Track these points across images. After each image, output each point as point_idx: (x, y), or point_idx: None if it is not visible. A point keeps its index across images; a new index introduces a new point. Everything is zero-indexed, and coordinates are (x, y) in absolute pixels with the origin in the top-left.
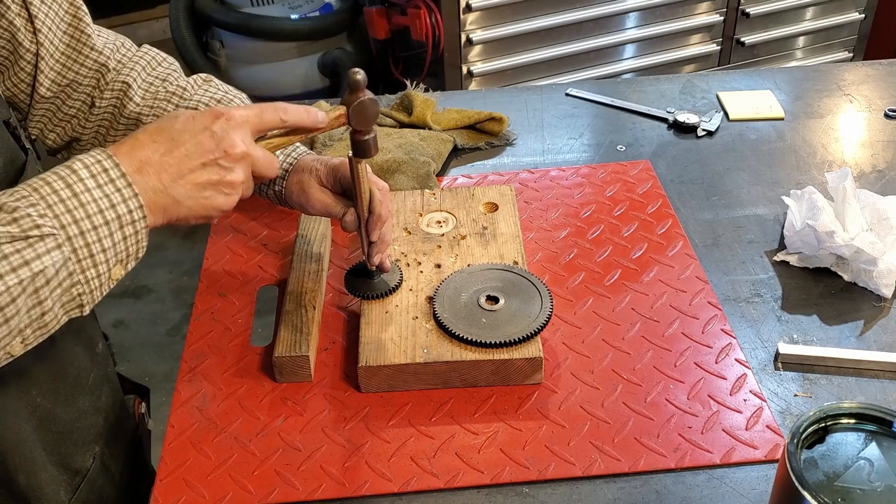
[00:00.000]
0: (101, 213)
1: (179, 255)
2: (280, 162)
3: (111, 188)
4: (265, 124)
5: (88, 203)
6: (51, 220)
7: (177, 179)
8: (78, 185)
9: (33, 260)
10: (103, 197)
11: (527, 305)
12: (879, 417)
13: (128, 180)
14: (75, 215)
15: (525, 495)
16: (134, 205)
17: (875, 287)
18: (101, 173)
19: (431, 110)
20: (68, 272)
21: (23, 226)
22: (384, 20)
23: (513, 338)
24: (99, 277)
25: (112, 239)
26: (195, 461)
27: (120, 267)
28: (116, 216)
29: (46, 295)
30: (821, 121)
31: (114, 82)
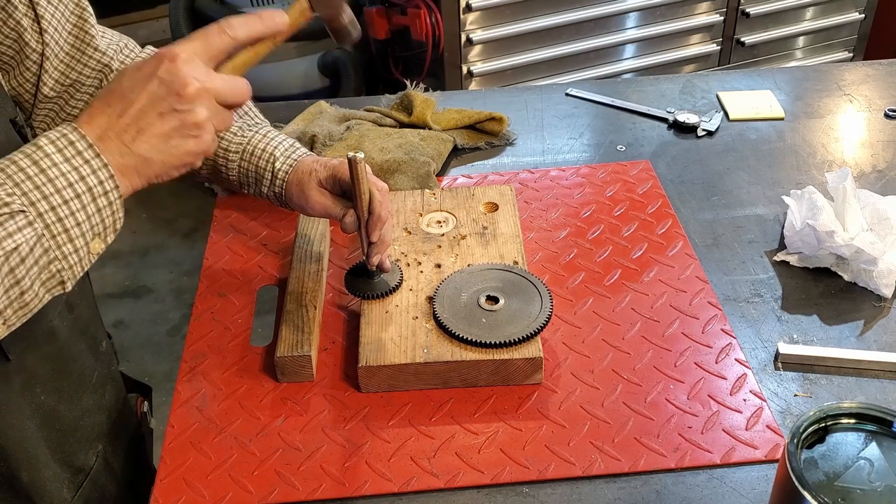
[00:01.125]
0: (70, 186)
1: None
2: (280, 164)
3: (79, 160)
4: (215, 49)
5: (57, 178)
6: (20, 197)
7: (138, 137)
8: (45, 160)
9: (4, 238)
10: (72, 170)
11: (527, 305)
12: (879, 417)
13: (95, 150)
14: (44, 191)
15: (525, 495)
16: (104, 175)
17: (875, 287)
18: (67, 147)
19: (431, 110)
20: (44, 249)
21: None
22: (384, 20)
23: (513, 338)
24: (77, 252)
25: (86, 212)
26: (195, 461)
27: (99, 240)
28: (87, 188)
29: (23, 274)
30: (821, 121)
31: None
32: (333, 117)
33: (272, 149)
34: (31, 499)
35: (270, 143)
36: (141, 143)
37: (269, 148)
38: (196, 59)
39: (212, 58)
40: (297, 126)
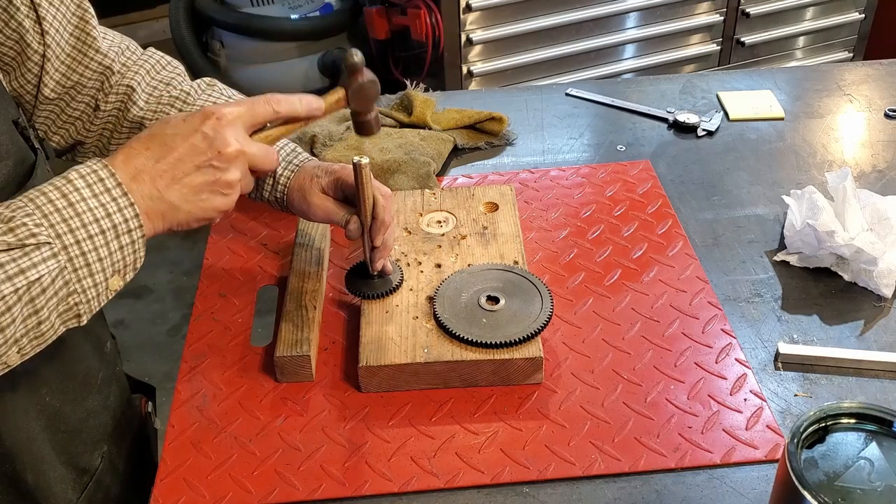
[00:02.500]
0: (97, 222)
1: (179, 255)
2: (281, 169)
3: (107, 197)
4: (257, 118)
5: (84, 212)
6: (46, 229)
7: (172, 184)
8: (74, 194)
9: (29, 269)
10: (99, 206)
11: (527, 306)
12: (879, 417)
13: (123, 189)
14: (71, 224)
15: (525, 495)
16: (130, 214)
17: (875, 287)
18: (96, 183)
19: (431, 110)
20: (64, 281)
21: (19, 235)
22: (384, 20)
23: (513, 338)
24: (96, 287)
25: (108, 248)
26: (195, 461)
27: (118, 277)
28: (112, 225)
29: (42, 304)
30: (821, 121)
31: (118, 85)
32: (333, 117)
33: None
34: (36, 500)
35: None
36: (173, 191)
37: None
38: (238, 123)
39: (252, 125)
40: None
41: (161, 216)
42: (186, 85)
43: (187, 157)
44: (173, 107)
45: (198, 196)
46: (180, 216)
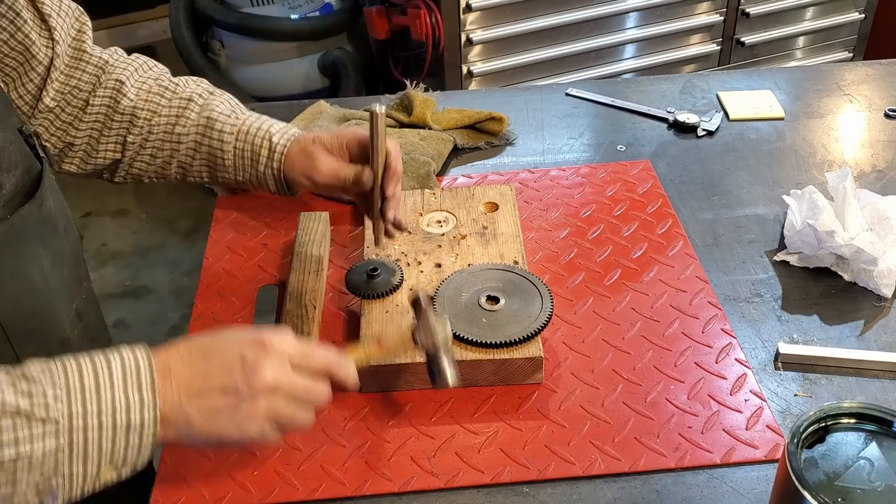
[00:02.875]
0: (113, 413)
1: (179, 255)
2: (277, 139)
3: (136, 395)
4: (308, 366)
5: (106, 401)
6: (62, 407)
7: (193, 398)
8: (106, 379)
9: (25, 441)
10: (124, 399)
11: (527, 306)
12: (879, 417)
13: (155, 391)
14: (88, 408)
15: (525, 495)
16: (150, 416)
17: (875, 287)
18: (131, 374)
19: (431, 110)
20: (55, 462)
21: (34, 402)
22: (384, 20)
23: (513, 338)
24: (84, 475)
25: (113, 441)
26: (195, 461)
27: (111, 469)
28: (127, 422)
29: (23, 478)
30: (821, 121)
31: (107, 81)
32: (333, 117)
33: (267, 126)
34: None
35: (265, 123)
36: (192, 405)
37: (265, 126)
38: (284, 359)
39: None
40: (298, 126)
41: (174, 426)
42: (175, 78)
43: (217, 375)
44: (163, 96)
45: (214, 418)
46: (192, 430)
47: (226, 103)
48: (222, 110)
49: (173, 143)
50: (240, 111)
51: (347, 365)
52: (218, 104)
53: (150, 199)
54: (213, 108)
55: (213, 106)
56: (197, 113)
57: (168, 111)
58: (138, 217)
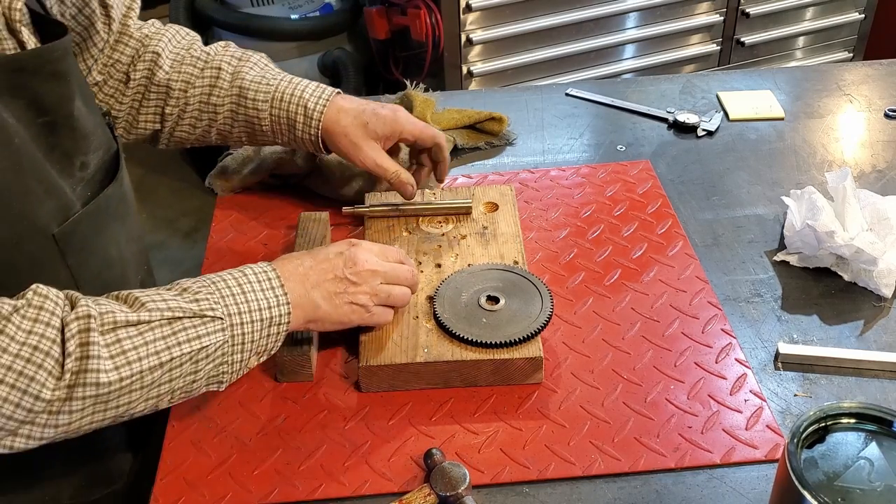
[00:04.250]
0: (259, 310)
1: (180, 255)
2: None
3: (271, 294)
4: (388, 257)
5: (251, 301)
6: (222, 308)
7: (316, 286)
8: (247, 286)
9: (204, 336)
10: (263, 299)
11: (527, 306)
12: (879, 417)
13: (284, 290)
14: (240, 308)
15: (525, 495)
16: (284, 310)
17: (875, 287)
18: (265, 280)
19: (431, 110)
20: (222, 353)
21: (202, 306)
22: (384, 20)
23: (513, 338)
24: (241, 363)
25: (260, 334)
26: (195, 461)
27: (256, 358)
28: (269, 317)
29: (202, 367)
30: (821, 121)
31: (145, 54)
32: None
33: (300, 91)
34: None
35: (297, 87)
36: (316, 291)
37: (297, 91)
38: (374, 249)
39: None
40: None
41: (303, 310)
42: (206, 47)
43: (327, 269)
44: (195, 66)
45: (333, 300)
46: (319, 313)
47: (255, 67)
48: (252, 77)
49: (210, 112)
50: (270, 75)
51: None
52: (248, 70)
53: (151, 198)
54: (245, 76)
55: (244, 73)
56: (229, 82)
57: (202, 81)
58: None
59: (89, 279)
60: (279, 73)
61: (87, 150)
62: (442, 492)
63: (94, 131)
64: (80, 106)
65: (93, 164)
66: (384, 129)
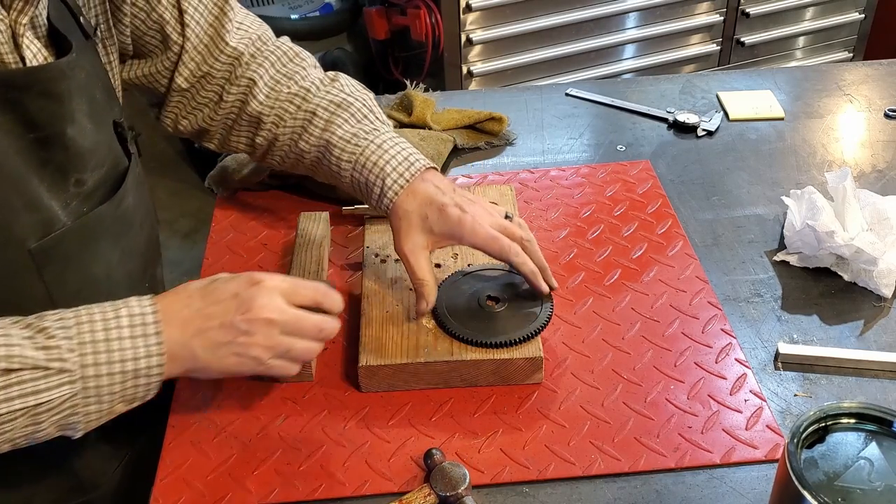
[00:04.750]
0: (121, 361)
1: (179, 255)
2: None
3: (142, 342)
4: (297, 297)
5: (114, 351)
6: (76, 357)
7: (197, 335)
8: (114, 331)
9: (43, 391)
10: (130, 348)
11: (527, 306)
12: (879, 417)
13: (160, 338)
14: (98, 358)
15: (525, 495)
16: (155, 361)
17: (875, 287)
18: (139, 325)
19: (431, 110)
20: (71, 405)
21: (50, 354)
22: (384, 20)
23: (513, 338)
24: (98, 412)
25: (123, 385)
26: (195, 461)
27: (124, 405)
28: (136, 368)
29: (44, 419)
30: (821, 121)
31: (242, 77)
32: None
33: (384, 163)
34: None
35: (382, 158)
36: (196, 340)
37: (381, 162)
38: (276, 294)
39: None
40: None
41: (181, 361)
42: (308, 81)
43: (216, 313)
44: (292, 103)
45: (216, 351)
46: (198, 364)
47: (349, 121)
48: (343, 134)
49: (297, 154)
50: (363, 133)
51: (333, 293)
52: (341, 123)
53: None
54: (335, 131)
55: (336, 126)
56: (320, 131)
57: (293, 122)
58: None
59: (67, 297)
60: (375, 128)
61: (83, 167)
62: (442, 492)
63: (97, 149)
64: (81, 123)
65: (91, 181)
66: (441, 229)
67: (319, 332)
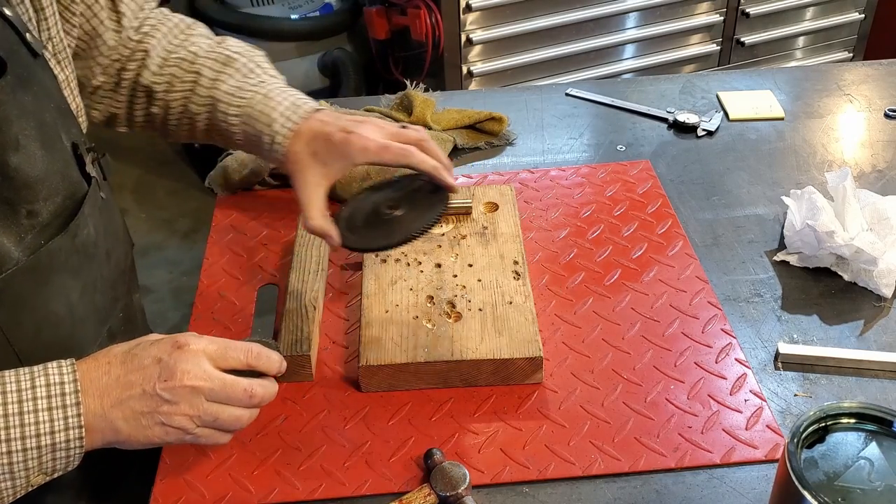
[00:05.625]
0: (38, 436)
1: (179, 255)
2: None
3: (59, 414)
4: (226, 360)
5: (29, 424)
6: None
7: (116, 405)
8: (29, 402)
9: None
10: (47, 421)
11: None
12: (879, 417)
13: (79, 409)
14: (11, 433)
15: (525, 495)
16: (74, 434)
17: (875, 287)
18: (57, 396)
19: (431, 110)
20: None
21: None
22: (384, 20)
23: (411, 233)
24: (14, 488)
25: (39, 460)
26: (195, 461)
27: (42, 476)
28: (53, 443)
29: None
30: (821, 121)
31: (136, 52)
32: None
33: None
34: None
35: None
36: (115, 410)
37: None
38: (202, 357)
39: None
40: None
41: (101, 433)
42: (196, 46)
43: (136, 381)
44: (180, 67)
45: (137, 421)
46: (120, 437)
47: (234, 76)
48: (228, 88)
49: (190, 118)
50: (248, 86)
51: (268, 353)
52: (226, 79)
53: (150, 199)
54: (220, 86)
55: (221, 83)
56: (206, 90)
57: (182, 86)
58: (137, 217)
59: (25, 338)
60: (261, 81)
61: (33, 198)
62: (442, 492)
63: (48, 177)
64: (29, 150)
65: (46, 212)
66: (331, 157)
67: (250, 398)
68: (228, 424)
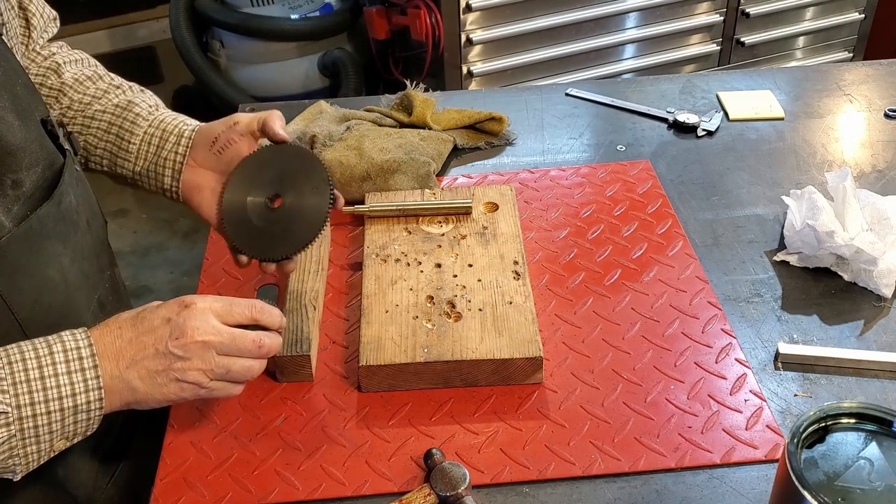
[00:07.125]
0: (60, 399)
1: (179, 255)
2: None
3: (79, 377)
4: (232, 316)
5: (51, 388)
6: (10, 397)
7: (131, 366)
8: (49, 367)
9: None
10: (68, 384)
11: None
12: (879, 417)
13: (97, 371)
14: (35, 397)
15: (525, 495)
16: (94, 396)
17: (875, 287)
18: (74, 360)
19: (431, 110)
20: (9, 447)
21: None
22: (384, 20)
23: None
24: (38, 452)
25: (63, 423)
26: (195, 461)
27: (64, 441)
28: (74, 405)
29: None
30: (821, 121)
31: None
32: (333, 117)
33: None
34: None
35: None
36: (131, 372)
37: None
38: (209, 314)
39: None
40: (297, 126)
41: (119, 394)
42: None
43: (149, 342)
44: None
45: (153, 380)
46: (137, 395)
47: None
48: (148, 104)
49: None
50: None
51: (270, 308)
52: (146, 98)
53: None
54: (140, 100)
55: (140, 99)
56: (121, 97)
57: (95, 90)
58: (138, 217)
59: (25, 304)
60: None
61: (17, 166)
62: (442, 492)
63: (27, 146)
64: (7, 120)
65: (29, 182)
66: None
67: (258, 348)
68: (240, 375)
